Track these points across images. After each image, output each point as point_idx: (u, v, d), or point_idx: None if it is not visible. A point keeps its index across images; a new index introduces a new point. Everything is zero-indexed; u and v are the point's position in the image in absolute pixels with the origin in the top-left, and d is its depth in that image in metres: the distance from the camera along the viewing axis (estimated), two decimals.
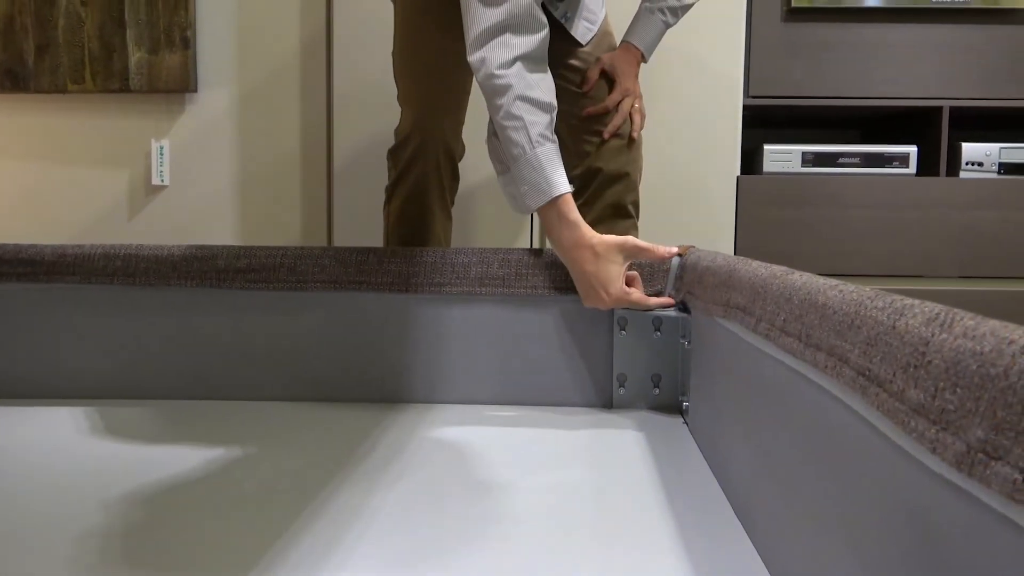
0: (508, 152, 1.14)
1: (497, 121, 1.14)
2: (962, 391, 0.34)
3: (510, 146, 1.13)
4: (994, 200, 2.15)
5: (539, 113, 1.12)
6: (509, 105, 1.11)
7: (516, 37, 1.12)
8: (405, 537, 0.74)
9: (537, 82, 1.13)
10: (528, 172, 1.12)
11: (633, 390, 1.23)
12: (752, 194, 2.18)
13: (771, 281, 0.69)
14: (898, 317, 0.43)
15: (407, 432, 1.09)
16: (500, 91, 1.11)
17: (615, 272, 1.13)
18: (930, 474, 0.38)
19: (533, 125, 1.11)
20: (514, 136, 1.12)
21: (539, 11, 1.14)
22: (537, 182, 1.12)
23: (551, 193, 1.12)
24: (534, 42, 1.13)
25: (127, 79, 2.36)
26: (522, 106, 1.11)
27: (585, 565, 0.68)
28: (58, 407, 1.22)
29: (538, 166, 1.12)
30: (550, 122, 1.13)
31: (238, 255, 1.25)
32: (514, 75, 1.11)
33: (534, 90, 1.12)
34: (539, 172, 1.12)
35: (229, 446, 1.02)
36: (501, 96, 1.11)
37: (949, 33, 2.20)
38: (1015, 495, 0.29)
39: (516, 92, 1.11)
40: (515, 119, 1.11)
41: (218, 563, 0.68)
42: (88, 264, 1.27)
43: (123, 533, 0.74)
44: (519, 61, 1.12)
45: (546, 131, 1.12)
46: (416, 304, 1.24)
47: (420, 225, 1.45)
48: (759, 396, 0.73)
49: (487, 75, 1.12)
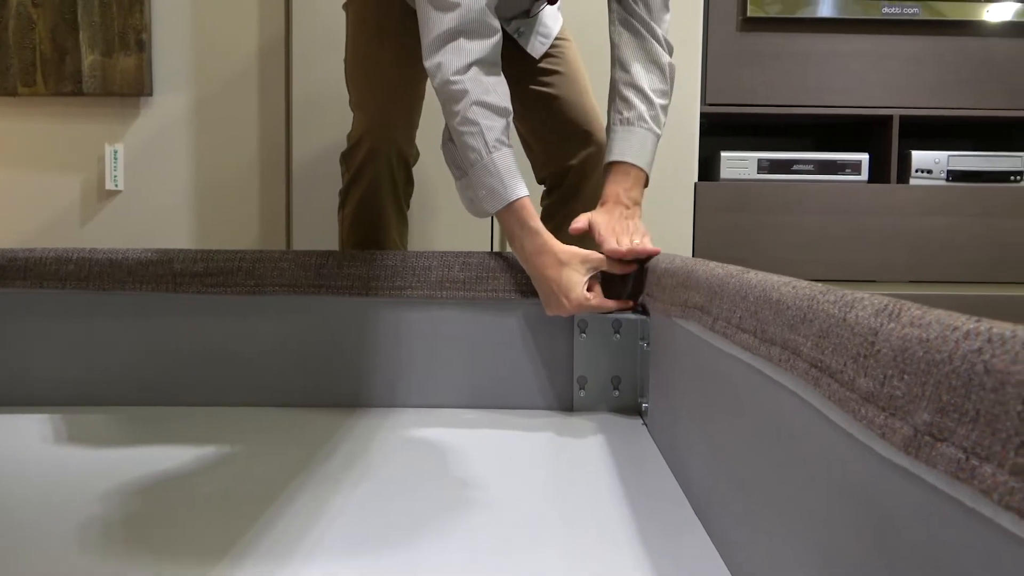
0: (465, 157, 1.14)
1: (453, 127, 1.14)
2: (909, 377, 0.35)
3: (467, 151, 1.13)
4: (943, 206, 2.21)
5: (495, 118, 1.12)
6: (465, 110, 1.12)
7: (470, 42, 1.12)
8: (370, 532, 0.74)
9: (492, 86, 1.14)
10: (485, 177, 1.13)
11: (593, 392, 1.23)
12: (709, 200, 2.21)
13: (728, 280, 0.70)
14: (848, 310, 0.44)
15: (368, 436, 1.08)
16: (456, 97, 1.12)
17: (577, 279, 1.14)
18: (879, 459, 0.39)
19: (490, 130, 1.12)
20: (471, 141, 1.12)
21: (492, 17, 1.15)
22: (494, 187, 1.13)
23: (508, 197, 1.13)
24: (487, 47, 1.14)
25: (80, 82, 2.32)
26: (478, 111, 1.12)
27: (548, 559, 0.69)
28: (9, 415, 1.19)
29: (495, 171, 1.12)
30: (506, 126, 1.14)
31: (195, 259, 1.24)
32: (469, 80, 1.12)
33: (490, 95, 1.13)
34: (496, 177, 1.13)
35: (184, 452, 1.01)
36: (457, 102, 1.12)
37: (899, 44, 2.26)
38: (959, 474, 0.30)
39: (472, 97, 1.11)
40: (471, 124, 1.12)
41: (183, 560, 0.67)
42: (39, 268, 1.25)
43: (79, 540, 0.73)
44: (474, 66, 1.12)
45: (502, 135, 1.13)
46: (376, 308, 1.24)
47: (375, 228, 1.44)
48: (716, 393, 0.74)
49: (443, 81, 1.12)
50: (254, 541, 0.72)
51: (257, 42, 2.34)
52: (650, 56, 1.26)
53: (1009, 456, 0.28)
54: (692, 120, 2.17)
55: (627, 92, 1.25)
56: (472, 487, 0.88)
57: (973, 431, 0.30)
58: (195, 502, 0.83)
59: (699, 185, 2.20)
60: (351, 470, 0.93)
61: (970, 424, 0.30)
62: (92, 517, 0.78)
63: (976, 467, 0.29)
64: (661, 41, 1.27)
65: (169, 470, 0.93)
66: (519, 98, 1.46)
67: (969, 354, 0.31)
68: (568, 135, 1.47)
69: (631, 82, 1.25)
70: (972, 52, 2.26)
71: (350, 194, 1.45)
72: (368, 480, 0.90)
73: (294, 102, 2.15)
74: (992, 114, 2.28)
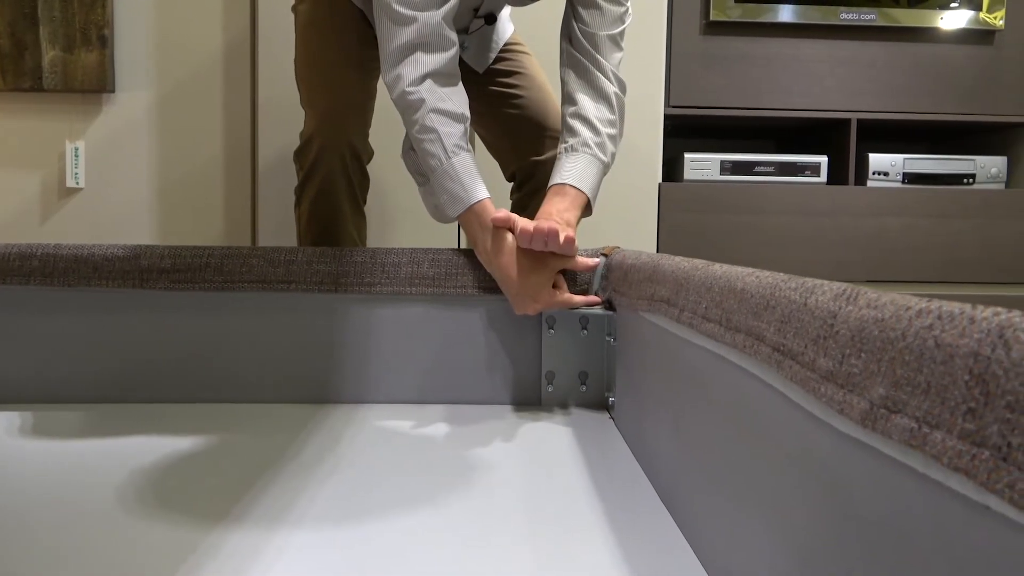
0: (425, 164, 1.16)
1: (413, 136, 1.17)
2: (866, 355, 0.37)
3: (427, 158, 1.15)
4: (899, 207, 2.27)
5: (453, 124, 1.15)
6: (423, 119, 1.14)
7: (426, 55, 1.15)
8: (340, 524, 0.74)
9: (449, 95, 1.16)
10: (446, 182, 1.15)
11: (561, 388, 1.25)
12: (673, 201, 2.25)
13: (693, 273, 0.72)
14: (809, 295, 0.46)
15: (338, 431, 1.09)
16: (413, 106, 1.14)
17: (544, 279, 1.15)
18: (838, 435, 0.41)
19: (448, 136, 1.14)
20: (430, 148, 1.15)
21: (448, 30, 1.17)
22: (455, 191, 1.15)
23: (469, 201, 1.15)
24: (443, 59, 1.16)
25: (40, 78, 2.29)
26: (436, 118, 1.14)
27: (519, 546, 0.70)
28: None
29: (455, 176, 1.14)
30: (464, 132, 1.16)
31: (163, 255, 1.23)
32: (425, 90, 1.14)
33: (446, 102, 1.15)
34: (456, 181, 1.15)
35: (153, 448, 1.00)
36: (415, 111, 1.14)
37: (857, 49, 2.32)
38: (912, 441, 0.32)
39: (429, 105, 1.14)
40: (430, 131, 1.14)
41: (160, 549, 0.67)
42: (2, 264, 1.23)
43: (47, 537, 0.72)
44: (429, 77, 1.15)
45: (461, 141, 1.15)
46: (346, 304, 1.25)
47: (331, 224, 1.45)
48: (682, 384, 0.76)
49: (400, 93, 1.15)
50: (226, 533, 0.72)
51: (222, 38, 2.32)
52: (597, 90, 1.28)
53: (958, 422, 0.30)
54: (656, 122, 2.20)
55: (573, 121, 1.26)
56: (442, 479, 0.89)
57: (925, 401, 0.32)
58: (164, 495, 0.83)
59: (663, 186, 2.23)
60: (322, 463, 0.94)
61: (922, 395, 0.32)
62: (67, 512, 0.78)
63: (927, 434, 0.31)
64: (610, 76, 1.29)
65: (137, 465, 0.93)
66: (480, 101, 1.47)
67: (921, 330, 0.33)
68: (534, 131, 1.49)
69: (577, 112, 1.26)
70: (927, 58, 2.33)
71: (305, 191, 1.45)
72: (339, 473, 0.91)
73: (260, 99, 2.14)
74: (947, 118, 2.34)
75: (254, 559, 0.67)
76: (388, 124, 1.53)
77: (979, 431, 0.28)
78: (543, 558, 0.68)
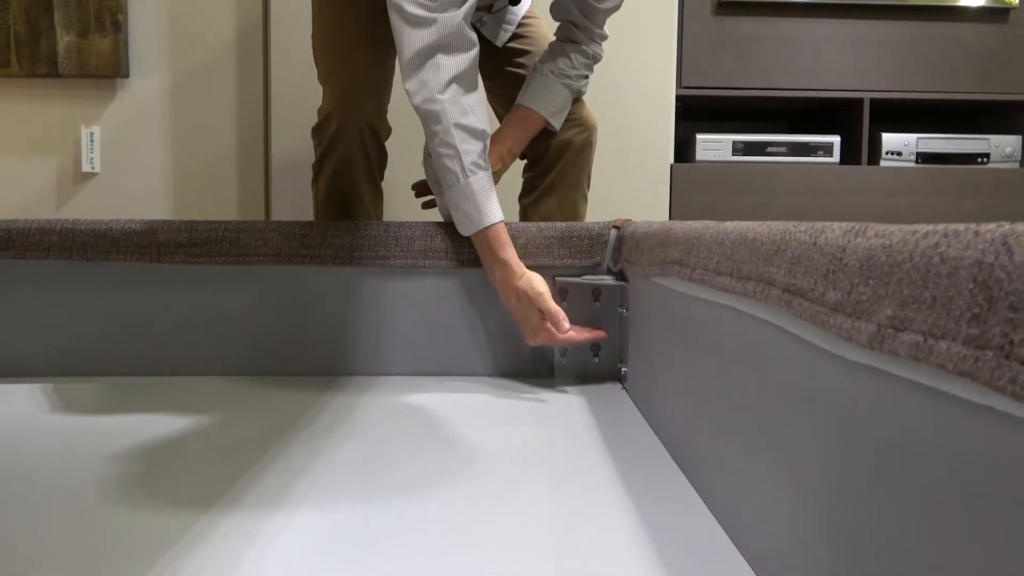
0: (442, 178, 1.17)
1: (432, 147, 1.17)
2: (874, 282, 0.38)
3: (444, 173, 1.16)
4: (912, 187, 2.26)
5: (472, 141, 1.14)
6: (443, 133, 1.13)
7: (448, 58, 1.13)
8: (355, 487, 0.76)
9: (471, 107, 1.15)
10: (461, 200, 1.16)
11: (574, 359, 1.26)
12: (685, 182, 2.25)
13: (704, 232, 0.73)
14: (818, 235, 0.47)
15: (352, 401, 1.10)
16: (435, 118, 1.13)
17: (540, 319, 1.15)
18: (846, 365, 0.42)
19: (467, 154, 1.14)
20: (448, 164, 1.14)
21: (469, 29, 1.16)
22: (469, 211, 1.16)
23: (481, 223, 1.15)
24: (466, 61, 1.15)
25: (55, 63, 2.31)
26: (456, 134, 1.13)
27: (536, 507, 0.71)
28: None
29: (470, 195, 1.15)
30: (483, 149, 1.16)
31: (179, 229, 1.25)
32: (448, 100, 1.13)
33: (468, 116, 1.14)
34: (471, 201, 1.15)
35: (171, 419, 1.02)
36: (436, 123, 1.14)
37: (870, 28, 2.31)
38: (918, 355, 0.33)
39: (451, 120, 1.13)
40: (449, 147, 1.14)
41: (176, 511, 0.69)
42: (22, 239, 1.25)
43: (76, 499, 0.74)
44: (453, 83, 1.14)
45: (479, 159, 1.15)
46: (360, 277, 1.26)
47: (349, 201, 1.46)
48: (693, 342, 0.77)
49: (423, 100, 1.14)
50: (241, 494, 0.74)
51: (235, 22, 2.34)
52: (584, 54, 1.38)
53: (963, 330, 0.30)
54: (668, 103, 2.20)
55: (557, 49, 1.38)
56: (458, 446, 0.90)
57: (931, 315, 0.33)
58: (185, 460, 0.84)
59: (675, 167, 2.23)
60: (336, 431, 0.95)
61: (928, 310, 0.33)
62: (88, 479, 0.79)
63: (933, 345, 0.32)
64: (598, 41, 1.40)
65: (156, 435, 0.94)
66: (496, 80, 1.48)
67: (927, 249, 0.34)
68: None
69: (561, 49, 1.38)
70: (941, 36, 2.32)
71: (322, 168, 1.46)
72: (353, 439, 0.92)
73: (272, 83, 2.16)
74: (960, 97, 2.33)
75: (274, 509, 0.68)
76: (406, 101, 1.52)
77: (983, 335, 0.29)
78: (560, 517, 0.69)
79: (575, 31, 1.36)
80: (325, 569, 0.57)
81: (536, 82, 1.36)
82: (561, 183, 1.45)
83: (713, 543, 0.62)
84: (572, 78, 1.37)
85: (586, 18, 1.34)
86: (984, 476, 0.30)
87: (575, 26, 1.36)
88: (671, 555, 0.60)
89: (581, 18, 1.35)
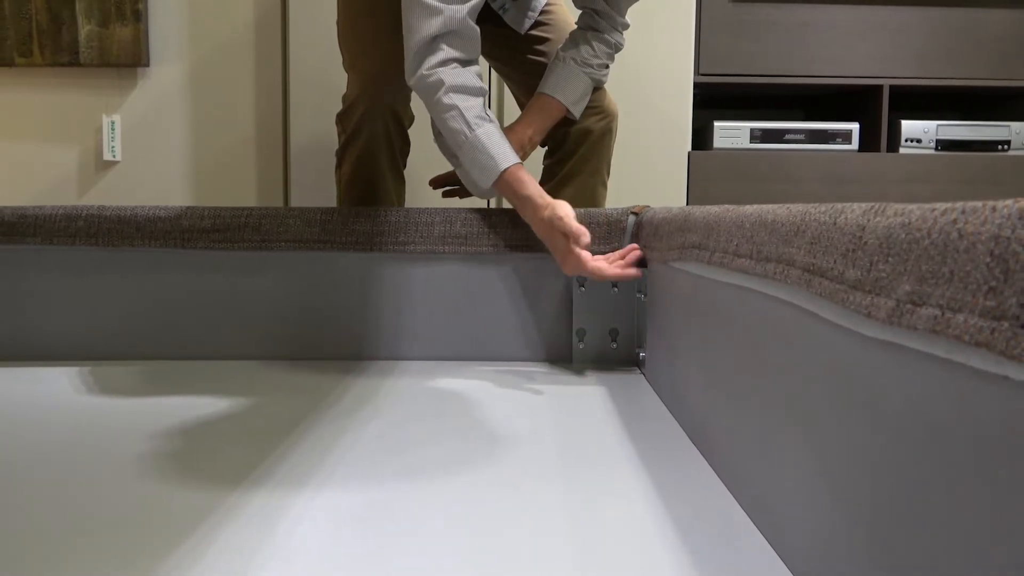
0: (454, 142, 1.20)
1: (437, 116, 1.20)
2: (893, 259, 0.39)
3: (453, 135, 1.19)
4: (931, 175, 2.25)
5: (471, 98, 1.18)
6: (443, 96, 1.18)
7: (449, 47, 1.19)
8: (379, 465, 0.77)
9: (464, 73, 1.20)
10: (474, 154, 1.18)
11: (592, 345, 1.27)
12: (703, 170, 2.24)
13: (724, 215, 0.74)
14: (838, 215, 0.48)
15: (374, 385, 1.12)
16: (433, 88, 1.18)
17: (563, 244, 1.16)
18: (864, 341, 0.43)
19: (468, 109, 1.17)
20: (453, 125, 1.18)
21: (472, 24, 1.21)
22: (483, 162, 1.18)
23: (497, 169, 1.17)
24: (465, 51, 1.21)
25: (77, 53, 2.33)
26: (454, 96, 1.18)
27: (560, 487, 0.72)
28: (20, 367, 1.22)
29: (480, 146, 1.17)
30: (483, 104, 1.20)
31: (203, 215, 1.27)
32: (443, 71, 1.18)
33: (462, 77, 1.19)
34: (483, 152, 1.17)
35: (196, 401, 1.04)
36: (435, 92, 1.18)
37: (889, 14, 2.29)
38: (936, 327, 0.34)
39: (447, 84, 1.18)
40: (450, 108, 1.18)
41: (206, 488, 0.70)
42: (49, 225, 1.27)
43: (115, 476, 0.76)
44: (452, 62, 1.19)
45: (482, 112, 1.19)
46: (380, 263, 1.27)
47: (372, 187, 1.47)
48: (712, 326, 0.78)
49: (418, 77, 1.19)
50: (270, 472, 0.75)
51: (253, 10, 2.35)
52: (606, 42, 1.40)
53: (979, 302, 0.31)
54: (686, 90, 2.20)
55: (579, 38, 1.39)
56: (478, 429, 0.92)
57: (948, 289, 0.34)
58: (215, 440, 0.86)
59: (693, 154, 2.23)
60: (360, 412, 0.97)
61: (945, 285, 0.34)
62: (124, 457, 0.82)
63: (951, 318, 0.33)
64: (620, 30, 1.42)
65: (186, 416, 0.96)
66: (518, 69, 1.49)
67: (945, 226, 0.35)
68: None
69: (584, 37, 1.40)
70: (961, 22, 2.30)
71: (347, 154, 1.48)
72: (377, 420, 0.94)
73: (291, 71, 2.17)
74: (980, 84, 2.31)
75: (300, 487, 0.70)
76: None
77: (999, 306, 0.30)
78: (580, 503, 0.70)
79: (597, 19, 1.37)
80: (351, 544, 0.59)
81: (558, 70, 1.37)
82: (581, 171, 1.46)
83: (735, 526, 0.63)
84: (594, 67, 1.38)
85: (609, 5, 1.35)
86: (1001, 444, 0.31)
87: (597, 14, 1.37)
88: (695, 541, 0.61)
89: (604, 5, 1.35)
